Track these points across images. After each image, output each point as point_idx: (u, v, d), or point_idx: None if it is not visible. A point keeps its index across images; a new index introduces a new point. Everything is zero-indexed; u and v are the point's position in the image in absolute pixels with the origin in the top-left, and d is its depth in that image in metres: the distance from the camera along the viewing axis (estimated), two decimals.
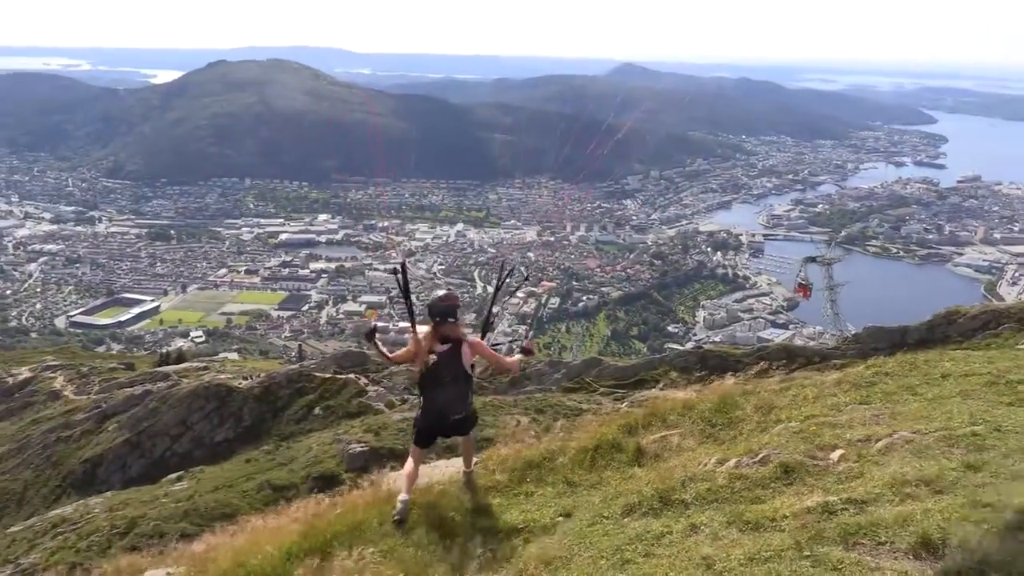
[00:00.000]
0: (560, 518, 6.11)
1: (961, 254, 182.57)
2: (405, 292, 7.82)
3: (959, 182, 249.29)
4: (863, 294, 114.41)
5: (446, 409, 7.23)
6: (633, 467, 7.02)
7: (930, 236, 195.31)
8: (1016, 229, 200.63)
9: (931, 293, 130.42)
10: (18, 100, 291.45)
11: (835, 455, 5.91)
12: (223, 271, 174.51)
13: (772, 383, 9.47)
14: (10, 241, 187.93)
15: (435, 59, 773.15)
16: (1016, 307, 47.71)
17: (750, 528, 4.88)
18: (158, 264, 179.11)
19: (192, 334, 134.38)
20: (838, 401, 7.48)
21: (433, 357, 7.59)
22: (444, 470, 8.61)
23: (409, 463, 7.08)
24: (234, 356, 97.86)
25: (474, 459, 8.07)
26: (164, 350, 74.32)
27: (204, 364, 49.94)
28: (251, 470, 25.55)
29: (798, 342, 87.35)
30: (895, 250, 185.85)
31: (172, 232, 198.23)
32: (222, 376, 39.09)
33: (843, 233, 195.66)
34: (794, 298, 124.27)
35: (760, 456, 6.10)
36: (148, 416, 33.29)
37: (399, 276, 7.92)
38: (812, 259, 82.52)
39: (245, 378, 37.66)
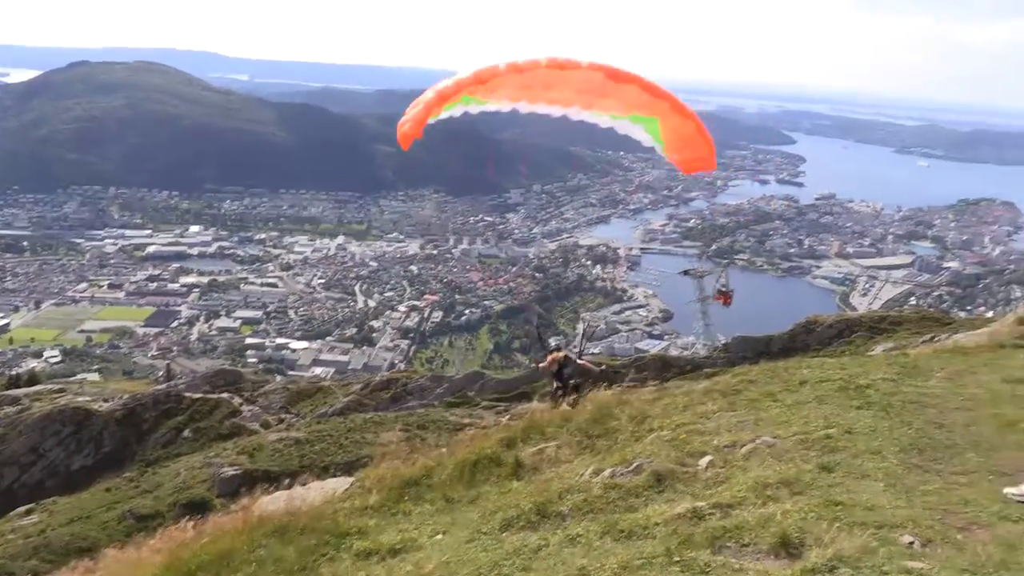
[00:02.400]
0: (438, 536, 5.99)
1: (819, 267, 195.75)
2: (539, 337, 9.06)
3: (816, 199, 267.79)
4: (732, 306, 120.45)
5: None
6: (512, 481, 7.00)
7: (791, 250, 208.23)
8: (866, 243, 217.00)
9: (792, 304, 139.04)
10: None
11: (703, 461, 6.13)
12: (83, 286, 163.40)
13: (645, 393, 9.73)
14: None
15: (316, 67, 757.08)
16: (867, 316, 51.63)
17: (624, 537, 4.97)
18: (8, 278, 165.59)
19: (47, 354, 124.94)
20: (707, 409, 7.75)
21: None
22: (319, 491, 8.32)
23: None
24: (94, 377, 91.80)
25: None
26: (14, 372, 68.77)
27: (60, 386, 46.50)
28: (112, 499, 23.98)
29: (673, 352, 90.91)
30: (760, 263, 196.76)
31: (25, 244, 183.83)
32: (80, 399, 36.57)
33: (714, 247, 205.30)
34: (675, 305, 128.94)
35: (634, 465, 6.24)
36: None
37: (535, 328, 8.44)
38: (685, 272, 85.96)
39: (106, 400, 35.42)
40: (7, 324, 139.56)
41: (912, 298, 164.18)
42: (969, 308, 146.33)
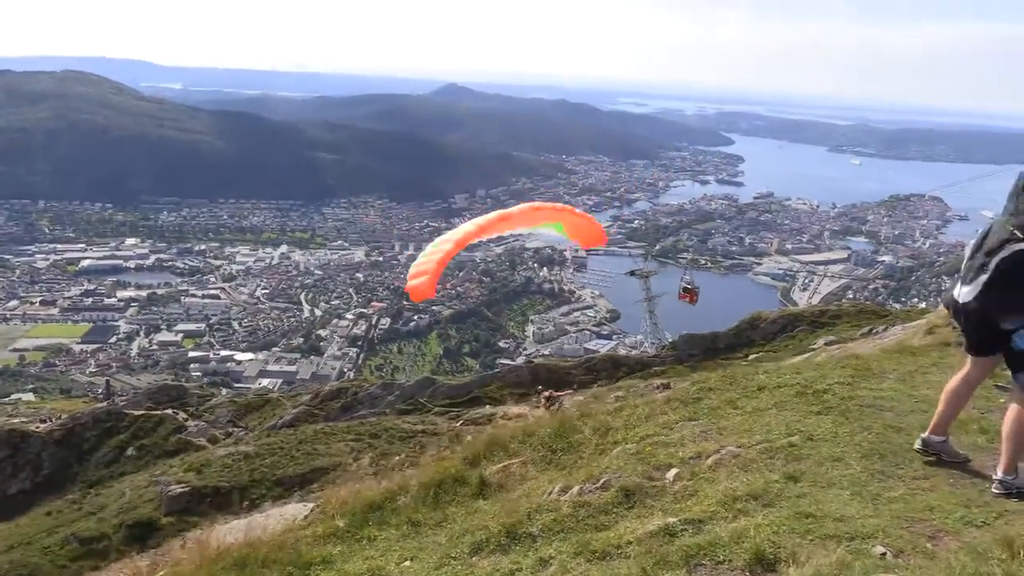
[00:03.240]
0: (406, 563, 5.84)
1: (760, 264, 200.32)
2: None
3: (755, 198, 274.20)
4: (677, 304, 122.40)
5: None
6: (478, 500, 6.86)
7: (733, 248, 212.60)
8: (804, 240, 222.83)
9: (736, 300, 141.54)
10: None
11: (671, 475, 6.08)
12: (14, 303, 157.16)
13: (607, 405, 9.73)
14: None
15: (252, 74, 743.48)
16: (808, 311, 53.02)
17: (597, 557, 4.90)
18: None
19: None
20: (669, 419, 7.72)
21: None
22: (278, 519, 8.07)
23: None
24: (29, 397, 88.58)
25: None
26: None
27: None
28: (53, 523, 23.13)
29: (622, 352, 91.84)
30: (704, 261, 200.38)
31: None
32: (15, 420, 35.28)
33: (658, 247, 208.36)
34: (628, 303, 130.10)
35: (601, 481, 6.17)
36: None
37: None
38: (632, 272, 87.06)
39: (43, 420, 34.22)
40: None
41: (849, 292, 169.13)
42: (903, 300, 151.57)
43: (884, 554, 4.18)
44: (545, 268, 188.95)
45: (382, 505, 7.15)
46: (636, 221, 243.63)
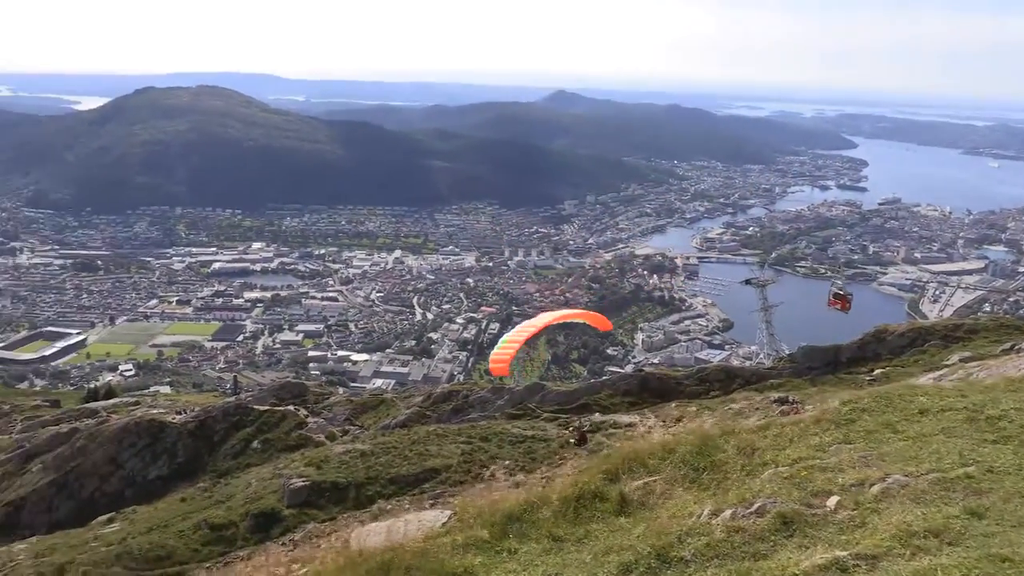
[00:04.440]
0: None
1: (885, 273, 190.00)
2: None
3: (880, 204, 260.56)
4: (795, 314, 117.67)
5: None
6: (619, 517, 6.71)
7: (855, 256, 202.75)
8: (935, 248, 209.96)
9: (858, 312, 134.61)
10: None
11: (831, 502, 5.72)
12: (154, 302, 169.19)
13: (750, 423, 9.39)
14: None
15: (369, 85, 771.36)
16: (940, 324, 49.71)
17: None
18: (84, 296, 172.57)
19: (121, 367, 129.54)
20: (821, 441, 7.30)
21: None
22: (416, 525, 8.13)
23: None
24: (166, 390, 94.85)
25: None
26: (92, 385, 71.46)
27: (135, 399, 48.17)
28: (187, 509, 24.58)
29: (735, 362, 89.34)
30: (823, 270, 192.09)
31: (99, 263, 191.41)
32: (154, 411, 37.75)
33: (774, 255, 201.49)
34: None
35: (755, 506, 5.87)
36: (75, 455, 31.81)
37: None
38: (747, 281, 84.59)
39: (179, 412, 36.46)
40: (84, 339, 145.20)
41: (987, 304, 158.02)
42: None
43: None
44: (655, 275, 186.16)
45: (521, 517, 7.07)
46: (751, 228, 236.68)
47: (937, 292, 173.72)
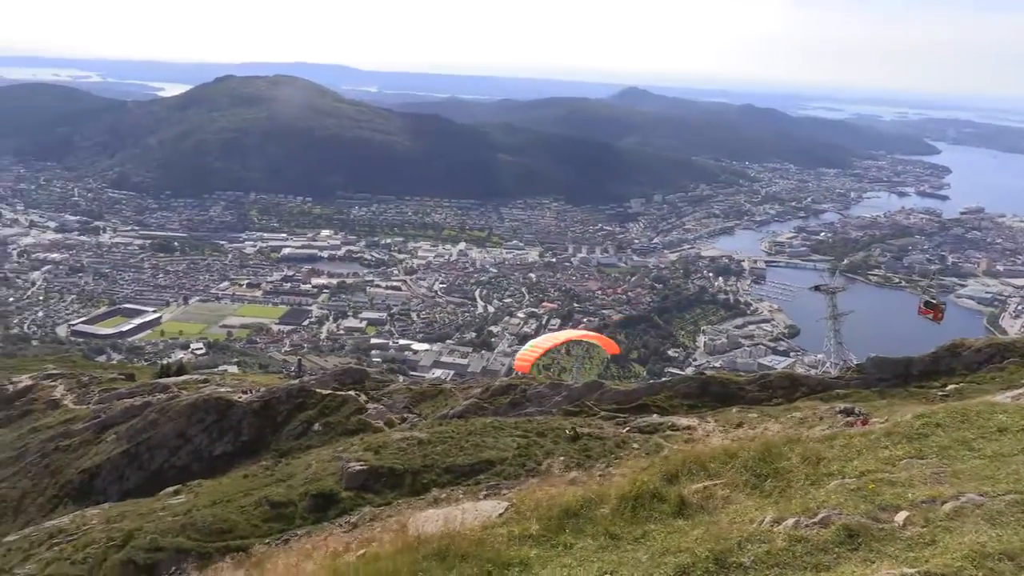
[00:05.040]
0: None
1: (964, 285, 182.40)
2: None
3: (962, 213, 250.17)
4: (865, 323, 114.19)
5: None
6: (677, 519, 6.65)
7: (933, 267, 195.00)
8: (1020, 262, 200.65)
9: (932, 324, 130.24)
10: (27, 110, 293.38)
11: (900, 517, 5.58)
12: (225, 284, 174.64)
13: (817, 432, 9.18)
14: (15, 249, 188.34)
15: (440, 78, 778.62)
16: (1021, 341, 47.51)
17: None
18: (160, 275, 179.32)
19: (193, 346, 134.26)
20: (891, 454, 7.11)
21: None
22: (473, 514, 8.15)
23: None
24: (234, 369, 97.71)
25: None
26: (164, 361, 74.18)
27: (204, 377, 49.82)
28: (249, 485, 25.29)
29: (799, 370, 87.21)
30: (897, 280, 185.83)
31: (176, 244, 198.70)
32: (222, 389, 38.94)
33: (845, 262, 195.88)
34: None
35: (819, 516, 5.74)
36: (147, 428, 33.12)
37: None
38: (817, 287, 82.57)
39: (245, 392, 37.51)
40: (159, 318, 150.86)
41: None
42: None
43: None
44: (721, 278, 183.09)
45: (578, 512, 7.07)
46: (822, 233, 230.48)
47: (1019, 307, 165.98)
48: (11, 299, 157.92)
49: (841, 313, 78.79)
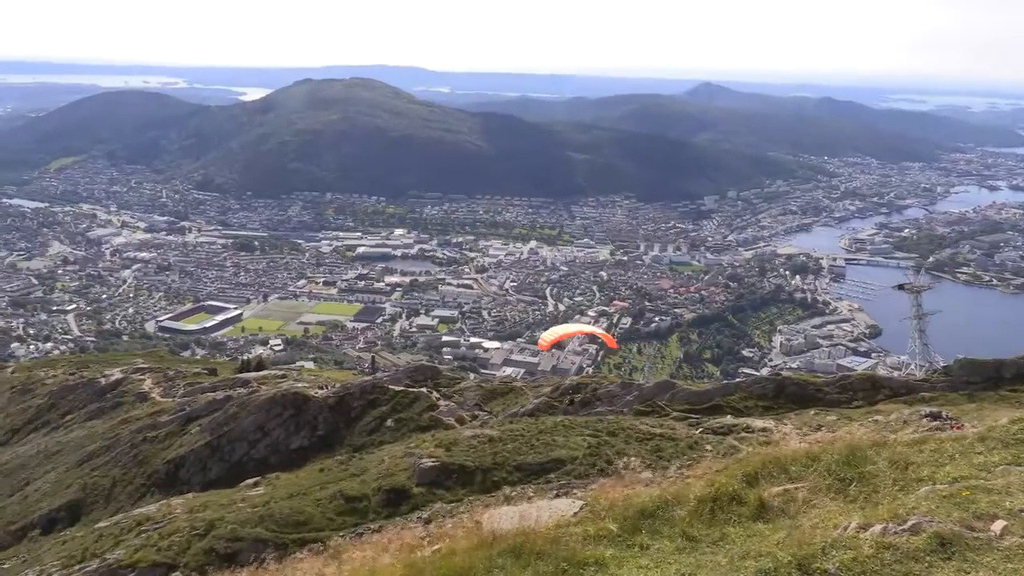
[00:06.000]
0: None
1: None
2: None
3: None
4: (952, 324, 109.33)
5: None
6: (757, 523, 6.49)
7: None
8: None
9: None
10: (119, 116, 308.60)
11: (997, 527, 5.31)
12: (302, 282, 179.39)
13: (905, 436, 8.82)
14: (108, 248, 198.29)
15: (511, 77, 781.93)
16: None
17: None
18: (242, 273, 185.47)
19: (271, 342, 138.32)
20: (986, 460, 6.77)
21: None
22: (548, 512, 8.11)
23: None
24: (310, 365, 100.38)
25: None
26: (245, 357, 76.55)
27: (282, 372, 51.25)
28: (324, 479, 25.87)
29: (881, 372, 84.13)
30: (988, 278, 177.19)
31: (256, 243, 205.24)
32: (299, 385, 39.97)
33: (931, 259, 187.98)
34: None
35: (909, 523, 5.51)
36: (228, 421, 34.28)
37: None
38: (900, 287, 79.57)
39: (321, 387, 38.37)
40: (240, 314, 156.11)
41: None
42: None
43: None
44: (798, 276, 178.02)
45: (655, 513, 6.99)
46: (906, 229, 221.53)
47: None
48: (104, 296, 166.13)
49: (926, 313, 75.76)
